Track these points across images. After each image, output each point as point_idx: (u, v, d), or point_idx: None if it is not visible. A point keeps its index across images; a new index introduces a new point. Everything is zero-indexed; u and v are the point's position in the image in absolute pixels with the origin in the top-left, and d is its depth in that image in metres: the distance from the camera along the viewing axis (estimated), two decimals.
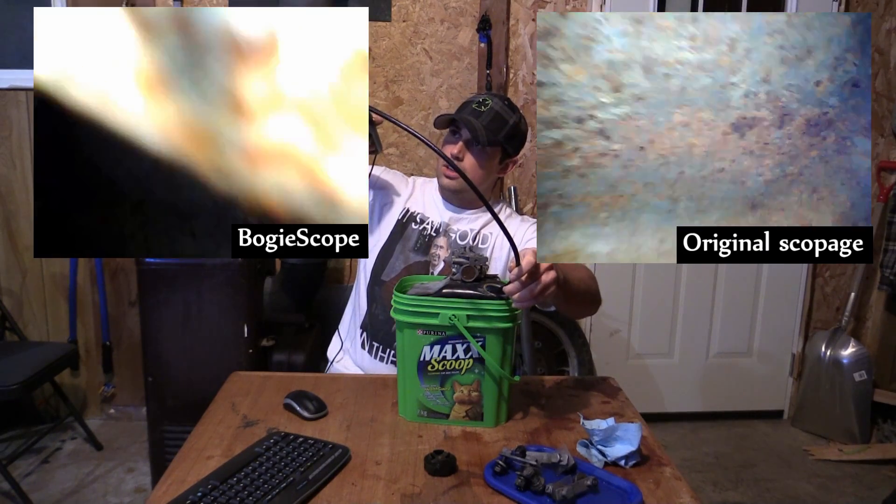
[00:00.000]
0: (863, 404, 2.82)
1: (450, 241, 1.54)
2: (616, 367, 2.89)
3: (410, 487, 1.03)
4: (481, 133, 1.44)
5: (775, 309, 2.99)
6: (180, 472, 1.05)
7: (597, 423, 1.14)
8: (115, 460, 2.56)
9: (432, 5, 2.66)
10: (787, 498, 2.45)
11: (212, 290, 2.12)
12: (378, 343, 1.53)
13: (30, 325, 2.79)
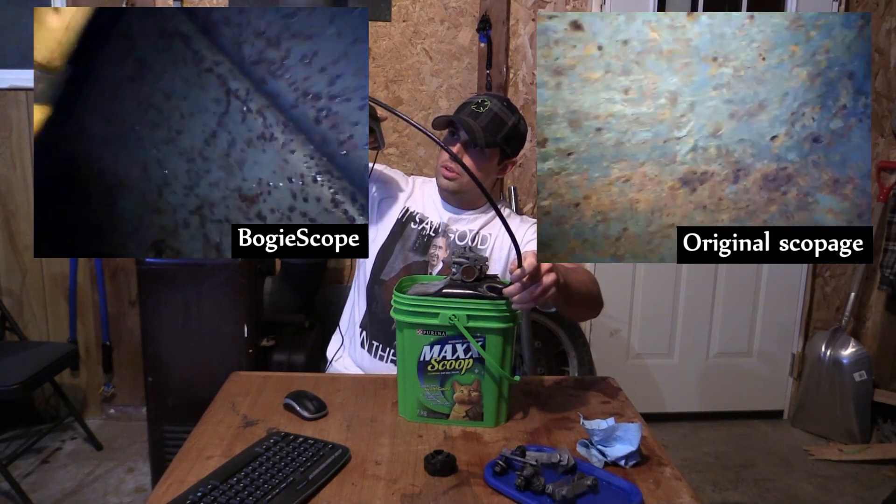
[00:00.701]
0: (863, 404, 2.82)
1: (448, 241, 1.54)
2: (616, 367, 2.89)
3: (410, 487, 1.03)
4: (479, 135, 1.44)
5: (775, 309, 2.99)
6: (180, 472, 1.05)
7: (597, 423, 1.14)
8: (115, 460, 2.56)
9: (432, 5, 2.66)
10: (787, 498, 2.45)
11: (212, 290, 2.12)
12: (378, 342, 1.53)
13: (30, 325, 2.79)
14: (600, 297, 1.41)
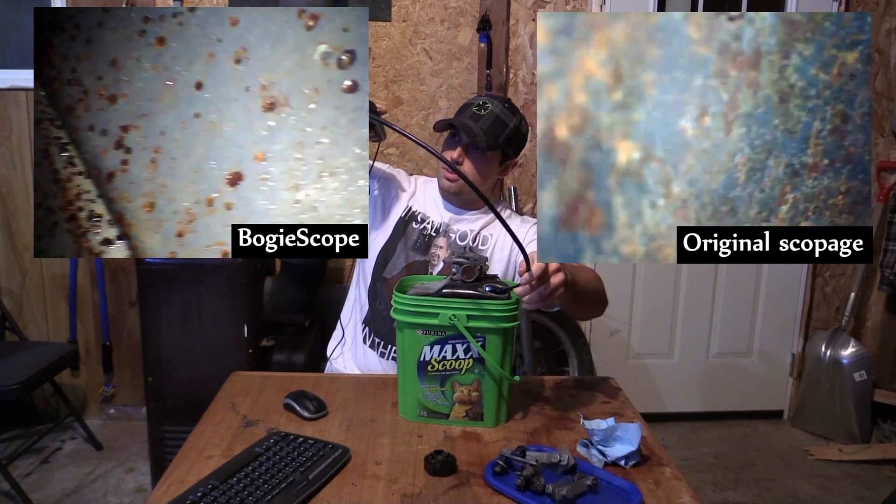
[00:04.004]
0: (863, 404, 2.82)
1: (449, 241, 1.54)
2: (616, 367, 2.89)
3: (410, 487, 1.03)
4: (481, 138, 1.44)
5: (775, 309, 2.99)
6: (180, 472, 1.05)
7: (597, 423, 1.14)
8: (115, 460, 2.56)
9: (432, 5, 2.66)
10: (787, 498, 2.45)
11: (212, 290, 2.12)
12: (380, 339, 1.54)
13: (30, 325, 2.79)
14: (605, 295, 1.42)
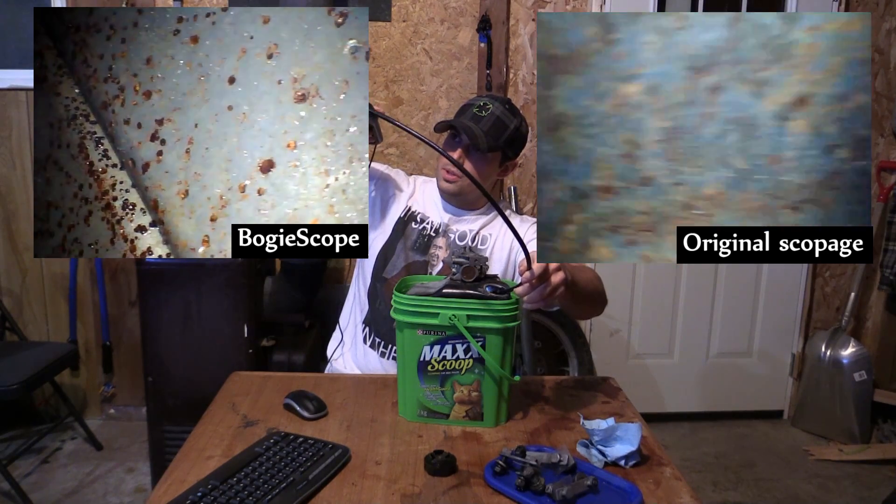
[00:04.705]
0: (863, 404, 2.82)
1: (449, 241, 1.54)
2: (616, 367, 2.89)
3: (410, 487, 1.03)
4: (481, 140, 1.44)
5: (775, 309, 2.99)
6: (180, 472, 1.05)
7: (597, 423, 1.14)
8: (115, 460, 2.56)
9: (432, 5, 2.66)
10: (787, 498, 2.45)
11: (212, 290, 2.12)
12: (381, 339, 1.54)
13: (30, 325, 2.79)
14: (604, 295, 1.42)
